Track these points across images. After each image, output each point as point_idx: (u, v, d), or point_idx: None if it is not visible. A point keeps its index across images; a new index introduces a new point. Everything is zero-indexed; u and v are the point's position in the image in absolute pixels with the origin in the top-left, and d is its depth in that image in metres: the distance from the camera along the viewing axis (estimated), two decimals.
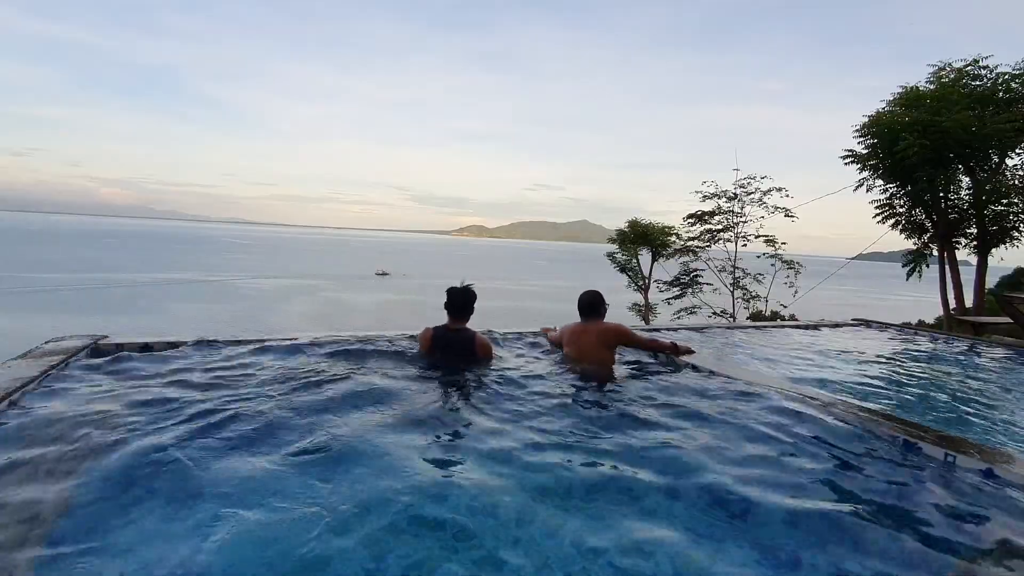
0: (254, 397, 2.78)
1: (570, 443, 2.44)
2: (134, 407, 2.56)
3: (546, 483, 2.03)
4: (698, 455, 2.37)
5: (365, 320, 33.45)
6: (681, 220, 17.23)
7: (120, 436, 2.24)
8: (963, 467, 2.34)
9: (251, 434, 2.33)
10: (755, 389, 3.36)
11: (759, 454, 2.42)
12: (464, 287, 3.61)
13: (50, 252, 71.46)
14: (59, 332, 3.78)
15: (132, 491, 1.84)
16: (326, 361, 3.57)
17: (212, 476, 1.95)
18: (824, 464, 2.36)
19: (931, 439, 2.55)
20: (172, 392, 2.80)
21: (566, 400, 3.07)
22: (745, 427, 2.72)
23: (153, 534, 1.62)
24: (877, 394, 4.06)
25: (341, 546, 1.59)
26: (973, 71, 12.00)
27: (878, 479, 2.23)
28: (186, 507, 1.76)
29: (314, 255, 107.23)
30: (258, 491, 1.87)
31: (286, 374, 3.22)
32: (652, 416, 2.85)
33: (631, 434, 2.60)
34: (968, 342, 6.73)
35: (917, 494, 2.12)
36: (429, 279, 58.69)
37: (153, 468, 1.98)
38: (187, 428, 2.35)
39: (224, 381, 3.04)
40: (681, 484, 2.08)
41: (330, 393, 2.90)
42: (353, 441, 2.30)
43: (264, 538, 1.61)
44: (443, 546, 1.62)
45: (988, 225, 12.43)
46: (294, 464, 2.09)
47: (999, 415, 3.72)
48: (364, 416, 2.62)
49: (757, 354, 5.19)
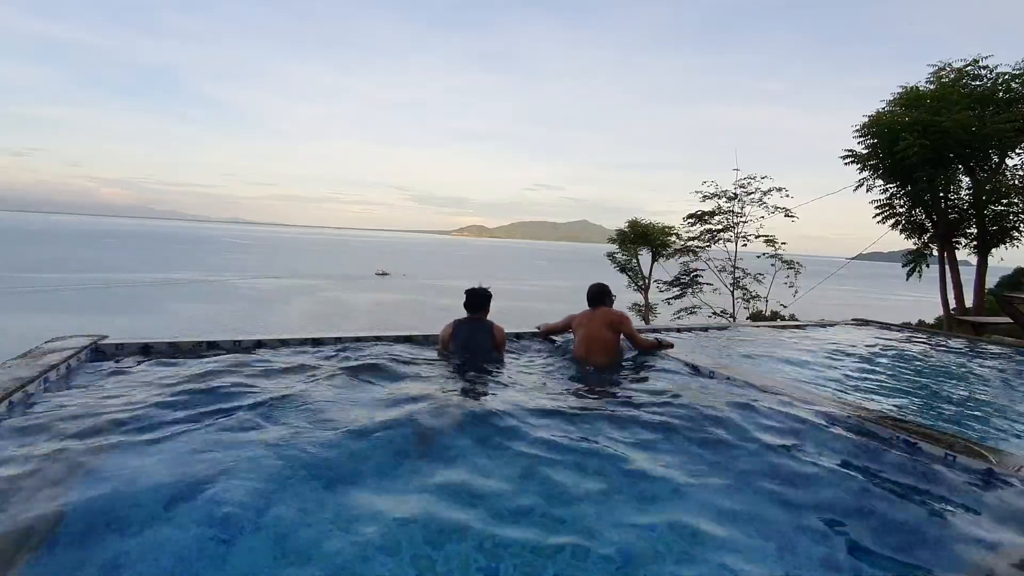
0: (256, 397, 2.77)
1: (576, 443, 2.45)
2: (134, 407, 2.56)
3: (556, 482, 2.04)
4: (697, 455, 2.37)
5: (365, 320, 33.42)
6: (681, 220, 17.25)
7: (120, 436, 2.24)
8: (963, 467, 2.34)
9: (253, 433, 2.33)
10: (755, 389, 3.36)
11: (759, 454, 2.42)
12: (481, 288, 4.17)
13: (50, 252, 71.44)
14: (59, 332, 3.78)
15: (132, 491, 1.84)
16: (329, 360, 3.57)
17: (213, 476, 1.95)
18: (823, 464, 2.35)
19: (931, 439, 2.55)
20: (173, 392, 2.80)
21: (569, 400, 3.08)
22: (744, 427, 2.72)
23: (154, 533, 1.62)
24: (877, 394, 4.06)
25: (347, 547, 1.59)
26: (973, 71, 12.00)
27: (877, 479, 2.23)
28: (186, 507, 1.76)
29: (314, 255, 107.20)
30: (264, 492, 1.86)
31: (286, 374, 3.23)
32: (652, 417, 2.85)
33: (631, 435, 2.60)
34: (968, 342, 6.73)
35: (917, 494, 2.12)
36: (429, 279, 58.71)
37: (153, 468, 1.98)
38: (188, 428, 2.35)
39: (224, 380, 3.04)
40: (680, 485, 2.08)
41: (334, 393, 2.90)
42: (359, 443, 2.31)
43: (273, 542, 1.61)
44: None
45: (988, 225, 12.42)
46: (300, 465, 2.08)
47: (999, 415, 3.71)
48: (369, 415, 2.62)
49: (757, 354, 5.19)
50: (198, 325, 28.90)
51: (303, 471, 2.04)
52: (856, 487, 2.15)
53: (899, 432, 2.63)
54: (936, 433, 2.65)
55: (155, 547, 1.55)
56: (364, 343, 4.18)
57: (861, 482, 2.20)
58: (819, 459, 2.40)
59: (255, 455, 2.14)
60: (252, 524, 1.68)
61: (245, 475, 1.97)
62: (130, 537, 1.60)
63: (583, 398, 3.24)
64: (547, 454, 2.30)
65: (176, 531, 1.63)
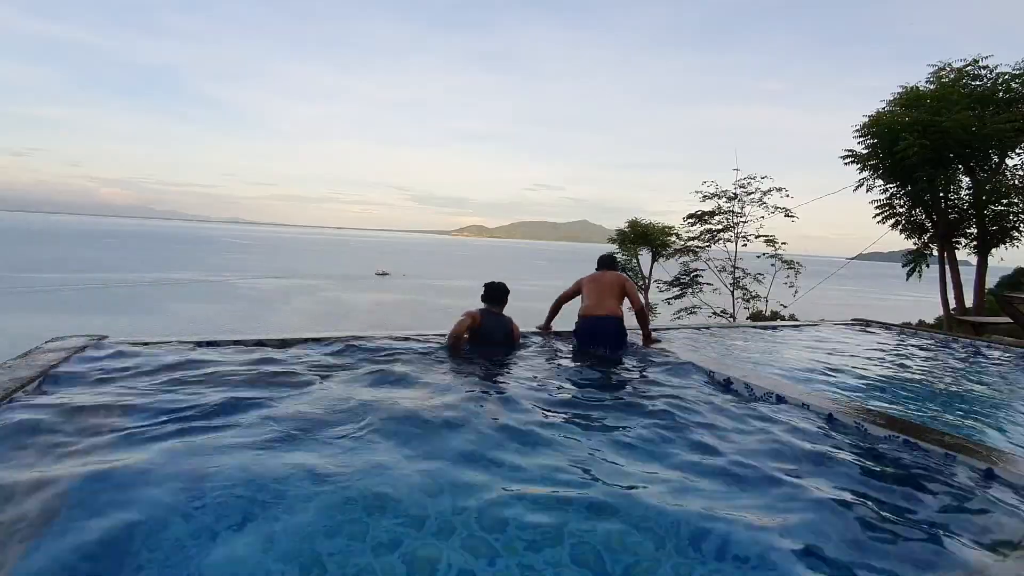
0: (256, 397, 2.77)
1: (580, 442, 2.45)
2: (134, 407, 2.56)
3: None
4: (695, 456, 2.37)
5: (365, 320, 33.42)
6: (681, 220, 17.24)
7: (120, 436, 2.24)
8: (963, 467, 2.34)
9: (254, 434, 2.33)
10: (755, 390, 3.36)
11: (758, 454, 2.42)
12: (499, 282, 4.47)
13: (50, 252, 71.44)
14: (59, 332, 3.78)
15: (132, 491, 1.84)
16: (333, 360, 3.58)
17: (214, 476, 1.95)
18: (823, 464, 2.35)
19: (931, 439, 2.55)
20: (173, 393, 2.80)
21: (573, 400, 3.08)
22: (744, 427, 2.72)
23: (154, 532, 1.62)
24: (877, 394, 4.06)
25: (352, 549, 1.59)
26: (973, 71, 12.00)
27: (877, 479, 2.23)
28: (186, 506, 1.76)
29: (314, 255, 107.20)
30: (268, 491, 1.86)
31: (286, 374, 3.23)
32: (653, 418, 2.85)
33: (632, 435, 2.61)
34: (968, 342, 6.73)
35: (916, 494, 2.12)
36: (429, 279, 58.69)
37: (153, 468, 1.98)
38: (188, 428, 2.35)
39: (225, 380, 3.04)
40: (679, 485, 2.08)
41: (336, 392, 2.90)
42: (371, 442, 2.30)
43: (275, 540, 1.61)
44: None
45: (988, 225, 12.43)
46: (300, 464, 2.08)
47: (999, 415, 3.71)
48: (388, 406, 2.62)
49: (757, 354, 5.20)
50: (198, 325, 28.90)
51: (304, 470, 2.04)
52: (855, 487, 2.15)
53: (899, 432, 2.63)
54: (936, 433, 2.65)
55: (155, 546, 1.55)
56: (365, 340, 4.19)
57: (860, 482, 2.20)
58: (818, 459, 2.40)
59: (255, 454, 2.14)
60: (252, 525, 1.68)
61: (246, 475, 1.97)
62: (130, 536, 1.60)
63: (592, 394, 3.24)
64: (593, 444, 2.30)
65: (176, 530, 1.64)
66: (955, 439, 2.59)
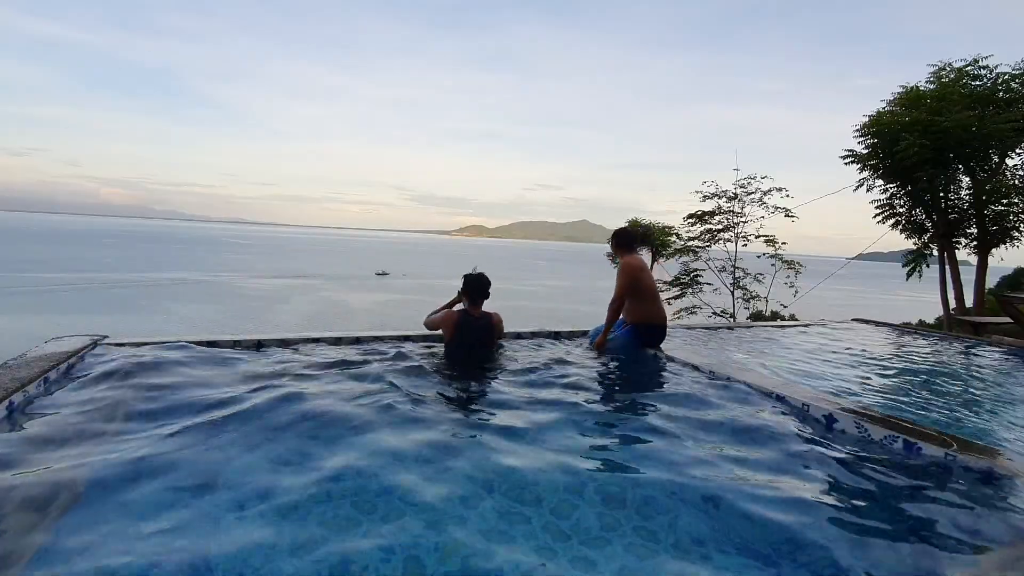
0: (256, 397, 2.77)
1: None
2: (134, 406, 2.56)
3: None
4: (696, 456, 2.37)
5: (365, 320, 33.41)
6: (681, 220, 17.21)
7: (120, 436, 2.24)
8: (963, 467, 2.33)
9: (254, 432, 2.33)
10: (755, 390, 3.36)
11: (758, 454, 2.42)
12: (478, 273, 3.89)
13: (50, 252, 71.44)
14: (59, 332, 3.78)
15: (131, 492, 1.84)
16: (333, 360, 3.57)
17: (215, 476, 1.95)
18: (823, 465, 2.35)
19: (931, 439, 2.55)
20: (173, 392, 2.80)
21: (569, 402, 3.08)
22: (744, 428, 2.72)
23: (153, 534, 1.62)
24: (877, 394, 4.06)
25: (357, 549, 1.59)
26: (973, 71, 12.00)
27: (877, 480, 2.23)
28: (186, 505, 1.76)
29: (314, 255, 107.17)
30: (269, 489, 1.86)
31: (286, 373, 3.22)
32: (653, 417, 2.85)
33: (627, 436, 2.61)
34: (968, 342, 6.72)
35: (916, 495, 2.12)
36: (429, 279, 58.66)
37: (153, 468, 1.98)
38: (187, 427, 2.35)
39: (225, 379, 3.04)
40: (678, 485, 2.08)
41: (339, 391, 2.90)
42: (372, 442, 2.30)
43: (277, 538, 1.61)
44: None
45: (988, 225, 12.43)
46: (306, 465, 2.08)
47: (999, 415, 3.71)
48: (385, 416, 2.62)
49: (757, 354, 5.19)
50: (198, 325, 28.91)
51: (304, 469, 2.04)
52: (855, 487, 2.15)
53: (899, 432, 2.63)
54: (936, 433, 2.65)
55: (156, 546, 1.55)
56: (365, 340, 4.19)
57: (860, 482, 2.20)
58: (818, 459, 2.40)
59: (256, 452, 2.14)
60: (252, 523, 1.68)
61: (246, 474, 1.97)
62: (130, 536, 1.60)
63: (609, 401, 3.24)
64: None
65: (175, 529, 1.64)
66: (955, 439, 2.58)
